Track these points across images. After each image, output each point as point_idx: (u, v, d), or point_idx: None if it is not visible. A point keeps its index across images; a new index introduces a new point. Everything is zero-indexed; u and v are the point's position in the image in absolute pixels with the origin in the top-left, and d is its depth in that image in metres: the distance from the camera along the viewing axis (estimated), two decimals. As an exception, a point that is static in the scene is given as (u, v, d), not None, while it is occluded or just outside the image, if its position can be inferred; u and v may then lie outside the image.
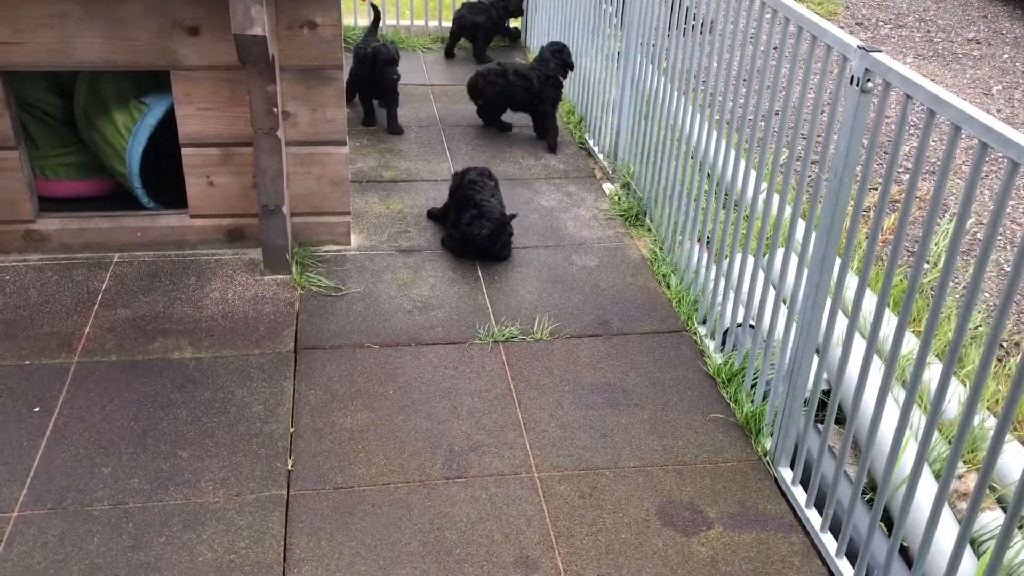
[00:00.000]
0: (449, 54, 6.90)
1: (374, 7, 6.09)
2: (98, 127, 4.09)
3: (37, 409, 3.19)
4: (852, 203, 2.66)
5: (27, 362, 3.41)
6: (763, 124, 3.25)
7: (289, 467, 3.03)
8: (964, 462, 3.13)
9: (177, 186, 4.11)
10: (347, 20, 7.04)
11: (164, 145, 4.19)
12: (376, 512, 2.88)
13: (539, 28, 6.75)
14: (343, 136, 4.06)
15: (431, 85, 6.33)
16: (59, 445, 3.05)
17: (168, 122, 4.03)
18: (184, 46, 3.73)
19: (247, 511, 2.85)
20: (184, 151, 3.96)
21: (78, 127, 4.23)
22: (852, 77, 2.57)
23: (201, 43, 3.74)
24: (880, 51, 2.49)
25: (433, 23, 7.26)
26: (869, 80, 2.52)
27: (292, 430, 3.18)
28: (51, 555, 2.66)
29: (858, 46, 2.54)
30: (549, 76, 5.34)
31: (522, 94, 5.37)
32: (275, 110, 3.71)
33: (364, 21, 7.17)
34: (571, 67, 5.47)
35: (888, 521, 2.90)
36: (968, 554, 2.68)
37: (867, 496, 3.00)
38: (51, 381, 3.32)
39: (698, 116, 3.93)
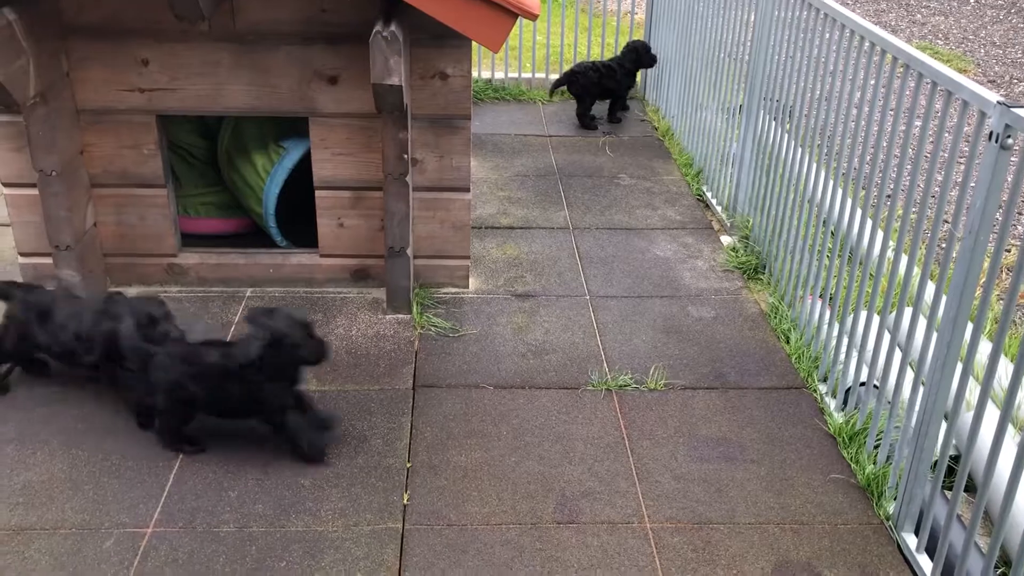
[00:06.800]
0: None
1: None
2: (238, 168, 4.34)
3: (172, 432, 3.36)
4: (987, 263, 2.59)
5: (165, 387, 3.60)
6: (892, 181, 3.20)
7: (405, 501, 3.09)
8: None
9: (309, 226, 4.31)
10: (475, 72, 7.26)
11: (299, 187, 4.41)
12: (488, 552, 2.90)
13: (660, 81, 6.82)
14: (467, 183, 4.19)
15: (550, 136, 6.45)
16: (190, 468, 3.20)
17: (304, 165, 4.24)
18: (323, 94, 3.94)
19: (364, 542, 2.92)
20: (318, 193, 4.16)
21: (220, 168, 4.49)
22: (991, 133, 2.51)
23: (339, 92, 3.94)
24: (1022, 106, 2.43)
25: (554, 75, 7.41)
26: (1009, 136, 2.46)
27: (409, 465, 3.25)
28: (181, 571, 2.78)
29: (998, 101, 2.49)
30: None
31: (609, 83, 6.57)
32: (405, 156, 3.87)
33: (487, 73, 7.38)
34: (647, 63, 6.64)
35: (1022, 598, 2.75)
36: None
37: (999, 570, 2.85)
38: (186, 406, 3.50)
39: (823, 171, 3.88)
